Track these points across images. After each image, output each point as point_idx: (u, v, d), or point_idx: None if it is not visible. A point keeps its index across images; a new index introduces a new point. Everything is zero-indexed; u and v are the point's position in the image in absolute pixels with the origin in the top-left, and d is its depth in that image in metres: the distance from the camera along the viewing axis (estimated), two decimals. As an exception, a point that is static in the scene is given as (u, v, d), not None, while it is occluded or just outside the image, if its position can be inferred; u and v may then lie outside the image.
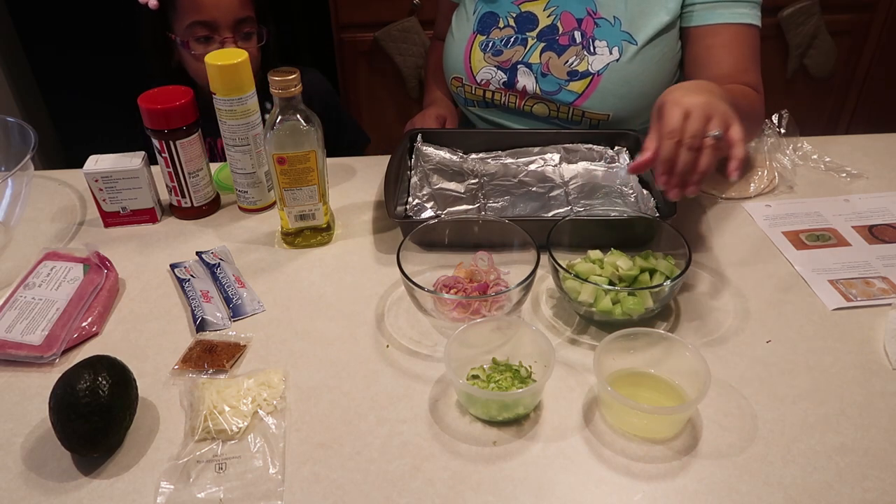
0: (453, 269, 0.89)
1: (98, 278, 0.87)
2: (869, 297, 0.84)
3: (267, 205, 1.06)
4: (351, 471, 0.66)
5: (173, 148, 0.97)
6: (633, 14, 1.08)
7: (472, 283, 0.86)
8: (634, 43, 1.07)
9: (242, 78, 0.94)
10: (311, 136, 0.88)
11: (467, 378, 0.73)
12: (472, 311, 0.80)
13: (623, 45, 1.08)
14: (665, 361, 0.72)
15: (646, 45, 1.07)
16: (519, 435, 0.69)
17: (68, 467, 0.67)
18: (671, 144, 0.76)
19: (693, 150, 0.76)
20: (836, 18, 2.07)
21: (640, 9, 1.08)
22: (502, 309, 0.81)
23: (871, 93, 2.25)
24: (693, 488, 0.64)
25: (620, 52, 1.08)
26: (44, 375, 0.77)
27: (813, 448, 0.67)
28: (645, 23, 1.07)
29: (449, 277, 0.87)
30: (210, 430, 0.69)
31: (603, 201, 0.98)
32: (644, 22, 1.07)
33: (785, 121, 1.11)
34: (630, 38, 1.08)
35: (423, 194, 1.00)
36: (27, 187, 1.01)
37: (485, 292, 0.83)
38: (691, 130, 0.75)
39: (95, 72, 2.17)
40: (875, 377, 0.74)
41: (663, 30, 1.07)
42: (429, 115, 1.30)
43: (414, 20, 1.99)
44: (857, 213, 1.00)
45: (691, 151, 0.76)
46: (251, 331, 0.83)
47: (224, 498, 0.64)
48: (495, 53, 1.16)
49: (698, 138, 0.75)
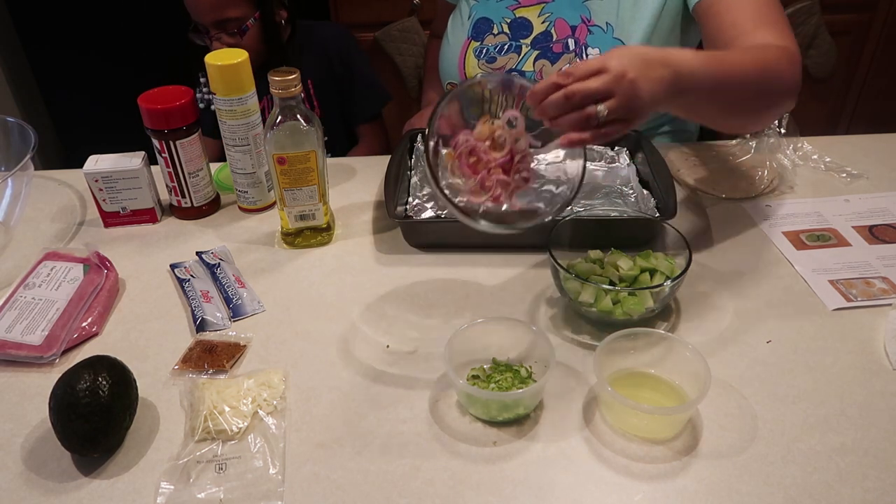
0: (477, 125, 0.75)
1: (98, 278, 0.87)
2: (869, 298, 0.84)
3: (267, 205, 1.06)
4: (351, 471, 0.66)
5: (173, 148, 0.97)
6: (624, 20, 1.08)
7: (494, 150, 0.75)
8: None
9: (242, 78, 0.94)
10: (311, 136, 0.88)
11: (467, 378, 0.73)
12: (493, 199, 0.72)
13: None
14: (665, 361, 0.72)
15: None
16: (519, 435, 0.69)
17: (68, 467, 0.67)
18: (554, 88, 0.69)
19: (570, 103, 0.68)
20: (836, 18, 2.07)
21: (630, 14, 1.07)
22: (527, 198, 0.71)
23: (871, 93, 2.25)
24: (693, 488, 0.64)
25: None
26: (44, 375, 0.77)
27: (813, 448, 0.67)
28: (636, 28, 1.07)
29: (469, 139, 0.75)
30: (210, 430, 0.69)
31: (603, 201, 0.98)
32: (635, 27, 1.07)
33: (785, 121, 1.11)
34: (622, 44, 1.08)
35: (423, 194, 1.00)
36: (27, 187, 1.01)
37: (507, 172, 0.72)
38: (581, 86, 0.68)
39: (95, 72, 2.18)
40: (875, 377, 0.74)
41: (652, 31, 1.06)
42: (428, 115, 1.30)
43: (414, 20, 1.99)
44: (857, 214, 1.00)
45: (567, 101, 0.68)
46: (251, 331, 0.83)
47: (224, 498, 0.64)
48: (489, 60, 1.16)
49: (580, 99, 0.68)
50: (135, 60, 2.07)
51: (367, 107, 1.61)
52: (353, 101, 1.59)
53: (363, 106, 1.61)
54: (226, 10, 1.37)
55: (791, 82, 0.90)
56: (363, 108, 1.61)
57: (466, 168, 0.73)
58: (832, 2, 2.03)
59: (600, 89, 0.68)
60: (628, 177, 1.03)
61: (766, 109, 0.93)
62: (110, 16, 2.10)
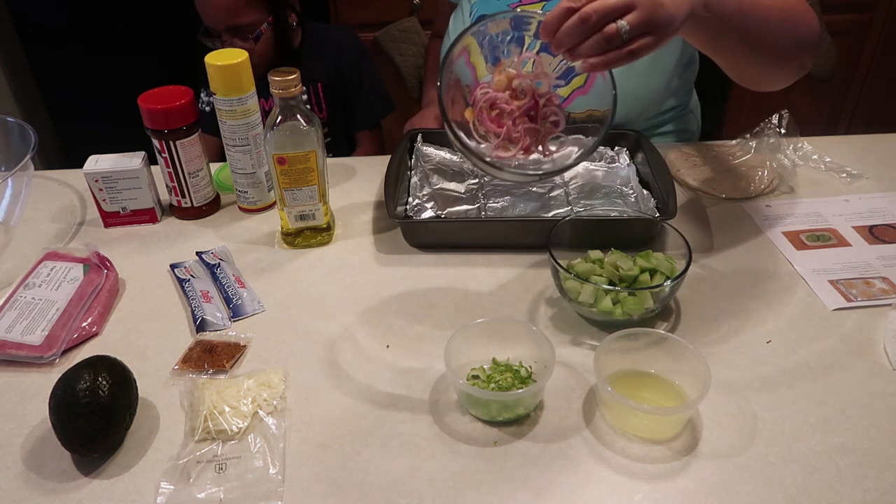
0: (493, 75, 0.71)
1: (98, 278, 0.87)
2: (869, 298, 0.84)
3: (267, 205, 1.06)
4: (351, 471, 0.66)
5: (173, 148, 0.97)
6: None
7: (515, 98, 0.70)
8: None
9: (242, 78, 0.94)
10: (311, 136, 0.88)
11: (467, 378, 0.73)
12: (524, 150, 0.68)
13: None
14: (665, 361, 0.72)
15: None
16: (519, 435, 0.69)
17: (68, 467, 0.67)
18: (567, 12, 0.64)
19: (588, 26, 0.63)
20: (836, 18, 2.07)
21: None
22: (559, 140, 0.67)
23: (871, 93, 2.25)
24: (693, 488, 0.64)
25: None
26: (44, 375, 0.77)
27: (813, 448, 0.67)
28: None
29: (487, 92, 0.71)
30: (210, 430, 0.69)
31: (603, 201, 0.98)
32: None
33: (785, 121, 1.11)
34: None
35: (423, 194, 1.00)
36: (27, 187, 1.01)
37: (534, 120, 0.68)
38: (598, 6, 0.63)
39: (95, 72, 2.18)
40: (875, 377, 0.74)
41: None
42: (428, 115, 1.30)
43: (414, 20, 1.99)
44: (857, 214, 1.00)
45: (583, 25, 0.63)
46: (251, 331, 0.83)
47: (224, 498, 0.64)
48: None
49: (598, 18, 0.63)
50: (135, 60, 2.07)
51: (370, 114, 1.62)
52: (357, 107, 1.59)
53: (366, 113, 1.61)
54: (239, 15, 1.37)
55: (809, 35, 0.88)
56: (366, 115, 1.61)
57: (489, 123, 0.69)
58: (832, 2, 2.03)
59: (619, 4, 0.63)
60: (628, 177, 1.03)
61: (785, 56, 0.89)
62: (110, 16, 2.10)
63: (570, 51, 0.65)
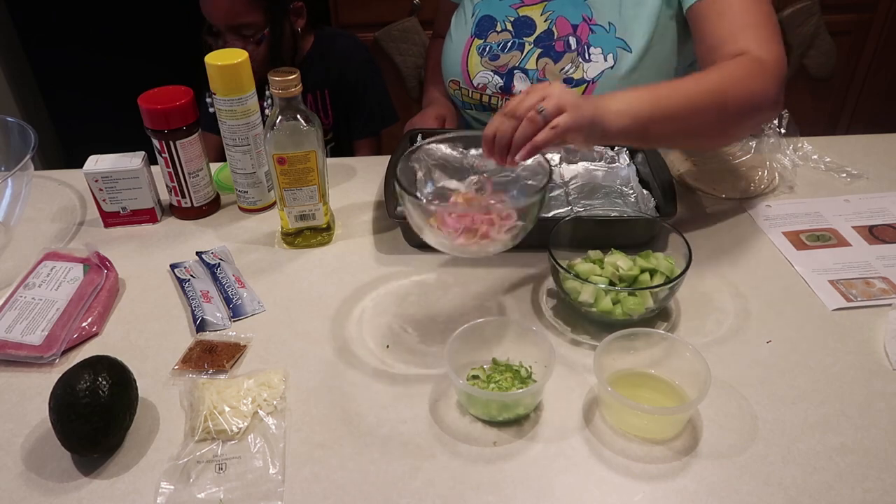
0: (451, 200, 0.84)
1: (98, 278, 0.87)
2: (869, 298, 0.84)
3: (267, 205, 1.06)
4: (351, 471, 0.66)
5: (173, 148, 0.97)
6: (626, 19, 1.08)
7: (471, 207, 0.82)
8: (629, 50, 1.07)
9: (242, 78, 0.94)
10: (311, 136, 0.88)
11: (467, 378, 0.73)
12: (481, 236, 0.77)
13: (618, 52, 1.08)
14: (665, 361, 0.72)
15: (641, 52, 1.06)
16: (519, 435, 0.69)
17: (68, 467, 0.67)
18: (499, 118, 0.77)
19: (515, 119, 0.76)
20: (836, 18, 2.07)
21: (633, 13, 1.07)
22: (513, 232, 0.77)
23: (871, 93, 2.25)
24: (693, 488, 0.64)
25: (615, 59, 1.08)
26: (44, 375, 0.77)
27: (813, 448, 0.67)
28: (638, 27, 1.07)
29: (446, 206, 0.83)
30: (210, 430, 0.69)
31: (603, 201, 0.98)
32: (637, 27, 1.07)
33: (785, 121, 1.11)
34: (625, 44, 1.07)
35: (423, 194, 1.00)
36: (27, 187, 1.01)
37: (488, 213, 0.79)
38: (518, 104, 0.76)
39: (96, 72, 2.18)
40: (875, 377, 0.74)
41: (654, 31, 1.06)
42: (428, 115, 1.30)
43: (414, 20, 1.99)
44: (857, 214, 1.00)
45: (512, 120, 0.76)
46: (251, 331, 0.83)
47: (224, 498, 0.64)
48: (492, 58, 1.16)
49: (522, 110, 0.75)
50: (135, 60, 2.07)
51: (370, 123, 1.61)
52: (359, 115, 1.59)
53: (367, 121, 1.60)
54: (240, 15, 1.38)
55: (762, 96, 0.88)
56: (367, 124, 1.61)
57: (451, 222, 0.77)
58: (832, 2, 2.03)
59: (534, 99, 0.75)
60: (628, 177, 1.03)
61: (734, 128, 0.92)
62: (110, 15, 2.10)
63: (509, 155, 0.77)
